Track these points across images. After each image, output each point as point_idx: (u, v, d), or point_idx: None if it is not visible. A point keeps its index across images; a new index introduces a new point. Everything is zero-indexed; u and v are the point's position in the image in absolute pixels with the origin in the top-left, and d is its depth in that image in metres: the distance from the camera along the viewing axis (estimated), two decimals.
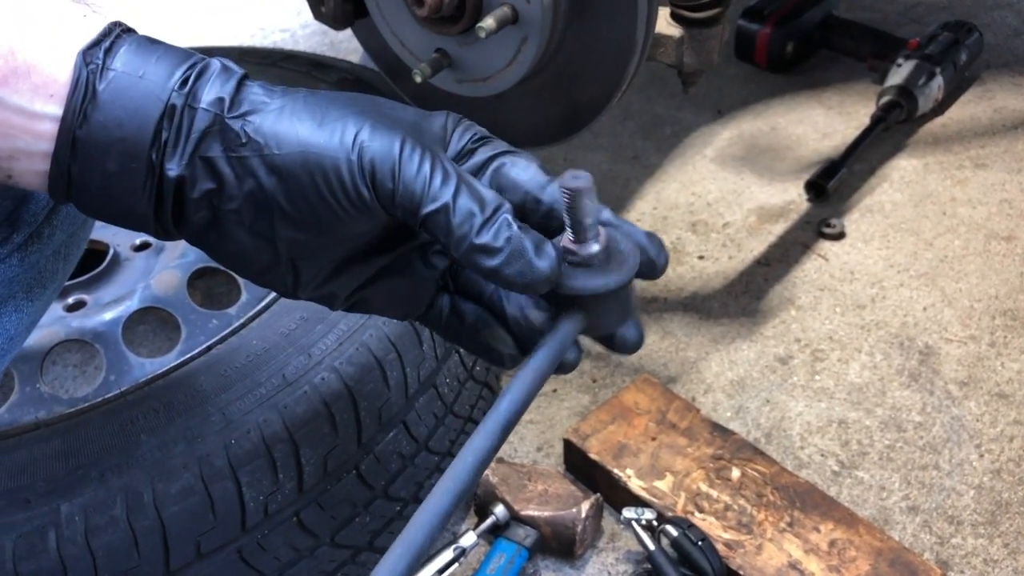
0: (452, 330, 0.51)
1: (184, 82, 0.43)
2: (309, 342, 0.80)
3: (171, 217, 0.45)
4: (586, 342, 0.50)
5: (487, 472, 0.99)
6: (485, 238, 0.42)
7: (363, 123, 0.43)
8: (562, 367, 0.47)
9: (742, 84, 1.69)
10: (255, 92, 0.44)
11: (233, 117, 0.43)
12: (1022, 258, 1.29)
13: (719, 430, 1.03)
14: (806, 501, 0.95)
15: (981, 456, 1.04)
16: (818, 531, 0.92)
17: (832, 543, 0.91)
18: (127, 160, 0.43)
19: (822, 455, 1.06)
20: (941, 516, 0.98)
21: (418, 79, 0.95)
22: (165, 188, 0.44)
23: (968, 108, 1.60)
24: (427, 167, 0.42)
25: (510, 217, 0.43)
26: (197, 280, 1.07)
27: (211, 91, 0.43)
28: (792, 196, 1.44)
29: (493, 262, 0.43)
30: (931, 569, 0.88)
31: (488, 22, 0.89)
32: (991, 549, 0.95)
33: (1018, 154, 1.48)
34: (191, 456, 0.73)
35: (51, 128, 0.42)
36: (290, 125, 0.43)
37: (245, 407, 0.76)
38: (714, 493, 0.96)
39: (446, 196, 0.42)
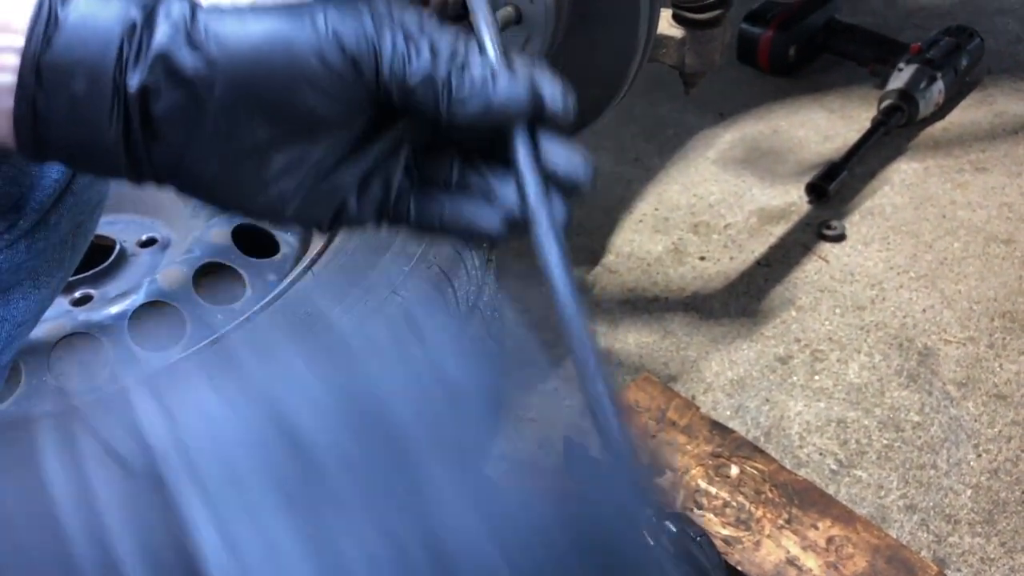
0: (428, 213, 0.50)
1: (146, 5, 0.43)
2: None
3: (142, 145, 0.44)
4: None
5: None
6: (466, 75, 0.44)
7: (328, 6, 0.44)
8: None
9: (744, 87, 1.71)
10: (213, 7, 0.44)
11: (194, 22, 0.43)
12: (1021, 261, 1.30)
13: (718, 428, 1.03)
14: (804, 499, 0.95)
15: (979, 456, 1.05)
16: (816, 528, 0.92)
17: (830, 540, 0.91)
18: (94, 79, 0.42)
19: (821, 454, 1.06)
20: (939, 515, 0.99)
21: None
22: (130, 106, 0.43)
23: (969, 112, 1.61)
24: (398, 34, 0.43)
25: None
26: (204, 277, 1.08)
27: (172, 7, 0.43)
28: (793, 198, 1.45)
29: (479, 101, 0.44)
30: (928, 566, 0.89)
31: None
32: (988, 548, 0.95)
33: (1018, 158, 1.49)
34: None
35: (15, 61, 0.42)
36: (253, 17, 0.43)
37: None
38: (713, 490, 0.97)
39: (424, 47, 0.44)
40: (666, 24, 1.01)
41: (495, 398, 0.37)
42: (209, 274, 1.07)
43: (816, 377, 1.16)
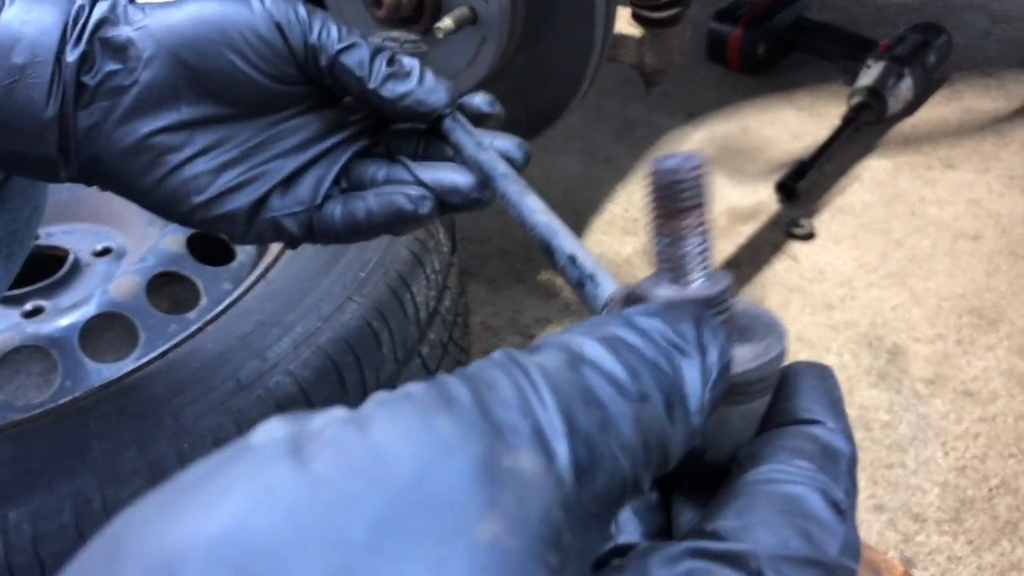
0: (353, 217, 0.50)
1: None
2: (264, 345, 0.80)
3: (72, 118, 0.45)
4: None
5: None
6: (395, 66, 0.47)
7: None
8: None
9: (714, 86, 1.70)
10: None
11: (132, 1, 0.46)
12: (988, 257, 1.30)
13: None
14: None
15: (946, 454, 1.04)
16: None
17: None
18: (34, 54, 0.44)
19: None
20: (906, 514, 0.98)
21: None
22: (66, 78, 0.44)
23: (938, 109, 1.61)
24: (330, 21, 0.47)
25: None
26: (164, 287, 1.06)
27: None
28: (762, 197, 1.44)
29: (406, 86, 0.46)
30: (894, 567, 0.88)
31: (446, 22, 0.89)
32: (955, 546, 0.95)
33: (986, 154, 1.49)
34: (143, 461, 0.72)
35: None
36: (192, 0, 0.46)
37: (198, 411, 0.75)
38: None
39: (355, 36, 0.47)
40: (624, 23, 1.00)
41: None
42: (171, 284, 1.05)
43: None
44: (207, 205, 0.47)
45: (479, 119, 0.49)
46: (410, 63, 0.47)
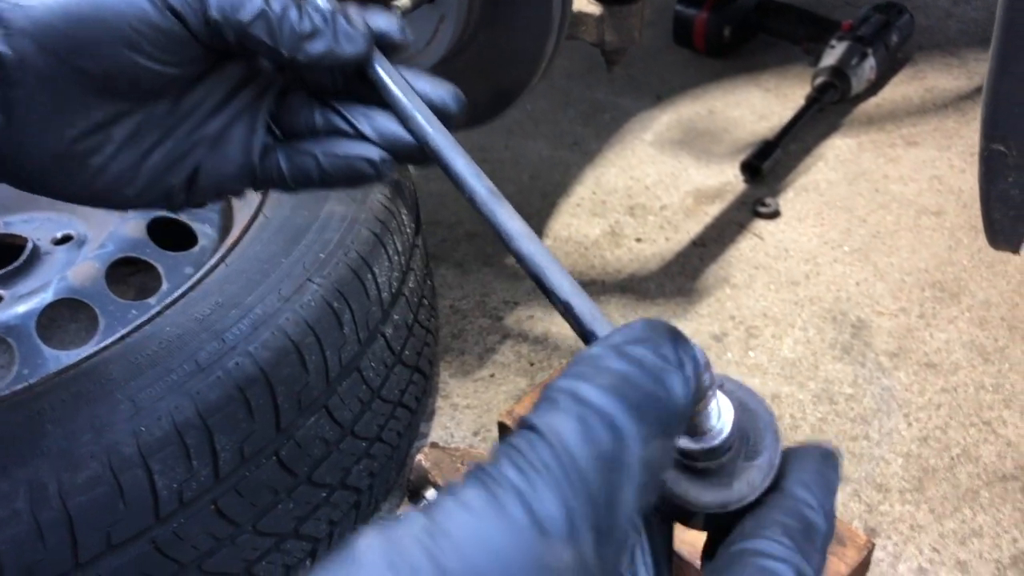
0: (303, 172, 0.49)
1: None
2: (223, 327, 0.79)
3: None
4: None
5: (420, 457, 0.99)
6: (306, 25, 0.44)
7: None
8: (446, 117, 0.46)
9: (681, 69, 1.70)
10: None
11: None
12: (950, 232, 1.31)
13: None
14: None
15: (909, 425, 1.05)
16: None
17: None
18: None
19: None
20: (870, 484, 0.99)
21: None
22: None
23: (901, 88, 1.62)
24: None
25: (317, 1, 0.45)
26: (129, 276, 1.05)
27: None
28: (728, 177, 1.45)
29: (321, 44, 0.44)
30: (857, 536, 0.89)
31: (403, 0, 0.88)
32: (917, 515, 0.96)
33: (947, 132, 1.51)
34: (98, 445, 0.71)
35: None
36: None
37: (156, 394, 0.74)
38: None
39: (258, 1, 0.43)
40: (584, 1, 1.00)
41: None
42: (138, 275, 1.04)
43: (751, 353, 1.16)
44: (142, 193, 0.46)
45: (392, 49, 0.47)
46: (319, 12, 0.44)
